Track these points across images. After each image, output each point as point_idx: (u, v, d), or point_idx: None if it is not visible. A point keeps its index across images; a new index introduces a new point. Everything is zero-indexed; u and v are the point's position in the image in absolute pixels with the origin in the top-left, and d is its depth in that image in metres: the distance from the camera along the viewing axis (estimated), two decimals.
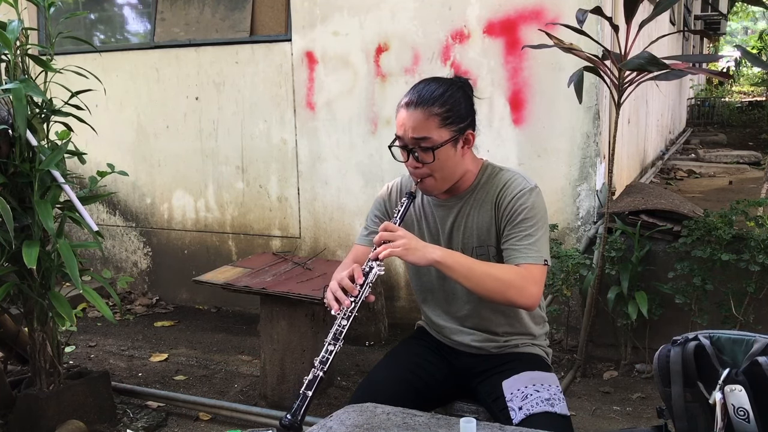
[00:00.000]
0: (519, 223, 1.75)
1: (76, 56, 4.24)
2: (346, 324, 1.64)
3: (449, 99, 1.75)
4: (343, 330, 1.64)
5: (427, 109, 1.73)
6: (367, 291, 1.68)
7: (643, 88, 4.76)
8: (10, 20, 2.54)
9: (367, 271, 1.68)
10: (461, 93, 1.79)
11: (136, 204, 4.85)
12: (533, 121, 3.69)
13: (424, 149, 1.73)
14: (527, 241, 1.73)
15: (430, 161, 1.74)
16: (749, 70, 19.19)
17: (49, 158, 2.52)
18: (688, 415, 1.59)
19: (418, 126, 1.73)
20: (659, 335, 3.39)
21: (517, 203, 1.77)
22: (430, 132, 1.72)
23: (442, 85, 1.77)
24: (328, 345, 1.62)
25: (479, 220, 1.83)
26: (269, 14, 4.34)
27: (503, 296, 1.68)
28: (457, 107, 1.76)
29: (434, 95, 1.74)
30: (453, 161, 1.77)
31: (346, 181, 4.16)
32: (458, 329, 1.92)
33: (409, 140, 1.75)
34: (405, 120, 1.75)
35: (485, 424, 1.47)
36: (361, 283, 1.66)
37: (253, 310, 4.39)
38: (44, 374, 2.76)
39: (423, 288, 1.97)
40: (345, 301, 1.65)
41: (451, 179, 1.81)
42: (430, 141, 1.73)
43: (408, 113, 1.75)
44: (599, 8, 3.06)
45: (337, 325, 1.65)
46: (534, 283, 1.70)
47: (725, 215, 3.24)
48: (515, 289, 1.68)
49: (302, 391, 1.56)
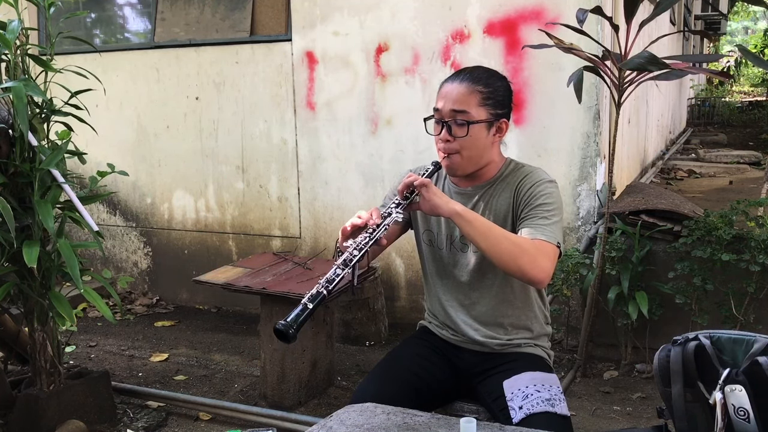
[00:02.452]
0: (537, 207, 1.79)
1: (76, 56, 4.24)
2: (357, 254, 1.62)
3: (493, 83, 1.82)
4: (353, 259, 1.61)
5: (472, 85, 1.79)
6: (383, 231, 1.68)
7: (643, 88, 4.76)
8: (10, 20, 2.54)
9: (387, 215, 1.71)
10: (504, 83, 1.87)
11: (136, 204, 4.85)
12: (533, 121, 3.69)
13: (460, 124, 1.78)
14: (543, 222, 1.76)
15: (462, 135, 1.78)
16: (750, 70, 19.18)
17: (50, 158, 2.52)
18: (688, 415, 1.58)
19: (460, 98, 1.78)
20: (659, 335, 3.39)
21: (536, 189, 1.81)
22: (469, 107, 1.78)
23: (488, 71, 1.86)
24: (337, 268, 1.60)
25: (497, 208, 1.86)
26: (269, 14, 4.34)
27: (515, 262, 1.67)
28: (499, 93, 1.83)
29: (482, 75, 1.82)
30: (483, 143, 1.82)
31: (347, 181, 4.16)
32: (463, 318, 1.92)
33: (447, 112, 1.80)
34: (448, 91, 1.81)
35: (485, 424, 1.47)
36: (378, 224, 1.68)
37: (253, 310, 4.39)
38: (44, 374, 2.76)
39: (435, 272, 1.97)
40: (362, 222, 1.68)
41: (476, 162, 1.84)
42: (467, 115, 1.78)
43: (453, 85, 1.81)
44: (599, 8, 3.06)
45: (348, 253, 1.62)
46: (547, 257, 1.70)
47: (725, 215, 3.24)
48: (528, 257, 1.67)
49: (304, 301, 1.55)
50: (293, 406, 3.12)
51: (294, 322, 1.50)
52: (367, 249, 1.64)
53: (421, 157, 3.87)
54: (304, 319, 1.52)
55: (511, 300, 1.89)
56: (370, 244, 1.65)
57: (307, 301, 1.55)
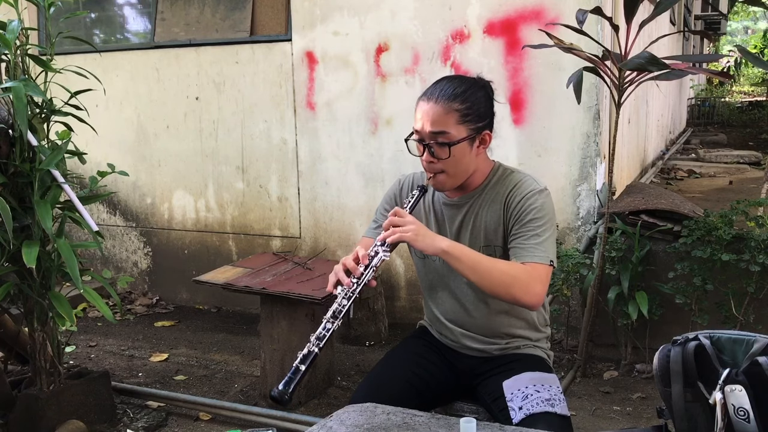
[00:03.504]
0: (527, 223, 1.75)
1: (76, 56, 4.25)
2: (346, 304, 1.61)
3: (470, 97, 1.76)
4: (343, 309, 1.61)
5: (448, 105, 1.73)
6: (371, 275, 1.66)
7: (643, 88, 4.76)
8: (10, 20, 2.54)
9: (372, 255, 1.67)
10: (483, 93, 1.80)
11: (136, 204, 4.85)
12: (533, 121, 3.69)
13: (441, 144, 1.74)
14: (534, 241, 1.73)
15: (445, 157, 1.74)
16: (750, 70, 19.18)
17: (49, 158, 2.52)
18: (688, 415, 1.58)
19: (438, 120, 1.73)
20: (659, 335, 3.39)
21: (526, 203, 1.77)
22: (448, 127, 1.73)
23: (464, 83, 1.78)
24: (327, 322, 1.59)
25: (488, 219, 1.84)
26: (269, 14, 4.34)
27: (507, 291, 1.67)
28: (477, 106, 1.77)
29: (456, 92, 1.75)
30: (467, 159, 1.78)
31: (346, 181, 4.16)
32: (461, 331, 1.91)
33: (426, 134, 1.75)
34: (424, 113, 1.75)
35: (485, 424, 1.47)
36: (366, 265, 1.65)
37: (253, 310, 4.39)
38: (44, 374, 2.76)
39: (430, 285, 1.97)
40: (345, 280, 1.63)
41: (463, 177, 1.81)
42: (447, 136, 1.73)
43: (428, 106, 1.75)
44: (599, 8, 3.06)
45: (337, 304, 1.61)
46: (539, 281, 1.69)
47: (725, 215, 3.24)
48: (520, 285, 1.66)
49: (296, 364, 1.53)
50: (293, 406, 3.12)
51: (287, 387, 1.50)
52: (356, 296, 1.64)
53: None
54: (297, 382, 1.52)
55: (508, 309, 1.88)
56: (358, 291, 1.63)
57: (299, 363, 1.54)
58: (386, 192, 2.02)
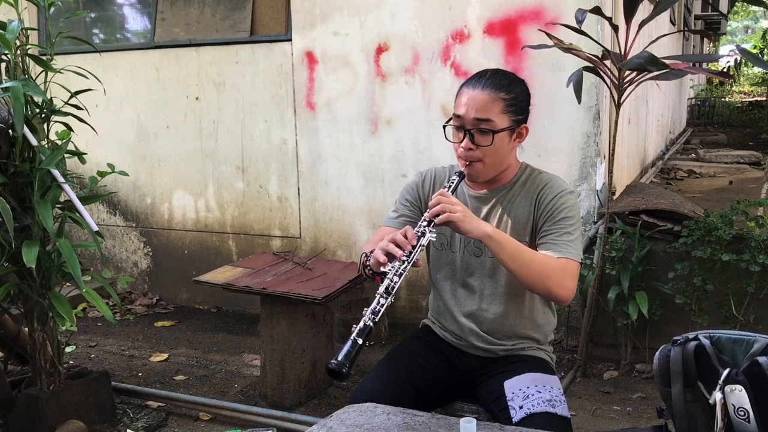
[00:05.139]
0: (559, 221, 1.78)
1: (76, 56, 4.24)
2: (398, 280, 1.59)
3: (515, 89, 1.80)
4: (395, 286, 1.59)
5: (495, 93, 1.76)
6: (419, 253, 1.65)
7: (643, 88, 4.76)
8: (10, 20, 2.54)
9: (420, 235, 1.66)
10: (524, 88, 1.85)
11: (136, 204, 4.85)
12: (533, 121, 3.64)
13: (483, 132, 1.75)
14: (567, 238, 1.77)
15: (486, 144, 1.76)
16: (750, 70, 19.18)
17: (49, 158, 2.52)
18: (688, 415, 1.58)
19: (483, 107, 1.75)
20: (659, 335, 3.39)
21: (558, 201, 1.80)
22: (492, 115, 1.75)
23: (508, 76, 1.83)
24: (380, 298, 1.57)
25: (515, 214, 1.85)
26: (269, 14, 4.34)
27: (543, 283, 1.69)
28: (520, 99, 1.81)
29: (502, 82, 1.78)
30: (504, 150, 1.81)
31: (346, 181, 4.16)
32: (472, 327, 1.91)
33: (469, 120, 1.76)
34: (470, 99, 1.76)
35: (485, 424, 1.47)
36: (414, 245, 1.63)
37: (253, 310, 4.39)
38: (44, 374, 2.76)
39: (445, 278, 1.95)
40: (398, 253, 1.60)
41: (497, 168, 1.84)
42: (491, 124, 1.75)
43: (475, 92, 1.76)
44: (599, 8, 3.06)
45: (389, 281, 1.59)
46: (572, 277, 1.73)
47: (725, 215, 3.24)
48: (555, 278, 1.69)
49: (353, 337, 1.51)
50: (293, 406, 3.12)
51: (346, 360, 1.48)
52: (405, 273, 1.63)
53: (422, 158, 3.87)
54: (355, 354, 1.50)
55: (521, 310, 1.89)
56: (408, 268, 1.62)
57: (356, 336, 1.51)
58: (407, 183, 2.02)
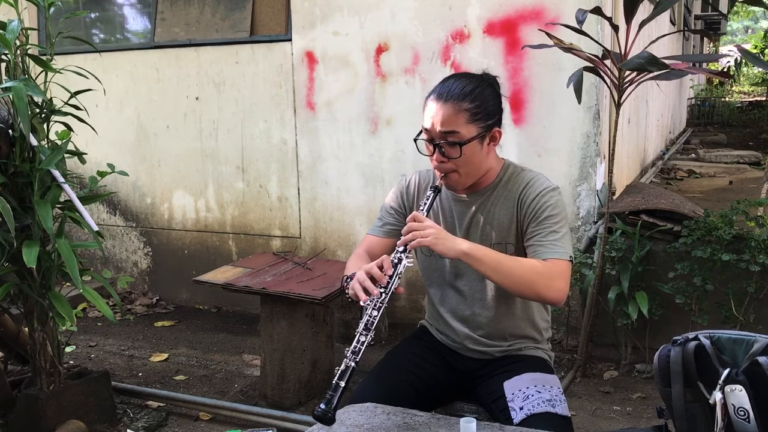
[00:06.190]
0: (543, 221, 1.76)
1: (76, 56, 4.24)
2: (376, 315, 1.59)
3: (479, 95, 1.75)
4: (374, 321, 1.59)
5: (457, 104, 1.72)
6: (397, 282, 1.64)
7: (643, 88, 4.76)
8: (10, 20, 2.54)
9: (396, 262, 1.65)
10: (491, 90, 1.80)
11: (136, 204, 4.85)
12: (533, 121, 3.69)
13: (451, 144, 1.73)
14: (552, 238, 1.74)
15: (456, 156, 1.74)
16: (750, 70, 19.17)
17: (49, 158, 2.52)
18: (688, 415, 1.58)
19: (447, 120, 1.72)
20: (659, 335, 3.39)
21: (540, 201, 1.78)
22: (458, 127, 1.72)
23: (472, 81, 1.77)
24: (360, 335, 1.57)
25: (499, 216, 1.83)
26: (269, 14, 4.34)
27: (531, 289, 1.67)
28: (486, 104, 1.76)
29: (465, 90, 1.74)
30: (478, 158, 1.78)
31: (346, 181, 4.16)
32: (466, 331, 1.91)
33: (436, 134, 1.75)
34: (434, 113, 1.74)
35: (485, 424, 1.47)
36: (391, 274, 1.63)
37: (253, 310, 4.39)
38: (44, 374, 2.76)
39: (436, 283, 1.95)
40: (374, 291, 1.60)
41: (475, 175, 1.81)
42: (457, 136, 1.73)
43: (438, 106, 1.74)
44: (599, 8, 3.06)
45: (368, 316, 1.59)
46: (562, 277, 1.70)
47: (725, 215, 3.24)
48: (543, 281, 1.67)
49: (335, 381, 1.52)
50: (293, 406, 3.12)
51: (329, 405, 1.48)
52: (384, 305, 1.62)
53: (422, 157, 3.84)
54: (339, 397, 1.50)
55: (513, 311, 1.88)
56: (386, 300, 1.62)
57: (337, 380, 1.52)
58: (391, 191, 2.02)
